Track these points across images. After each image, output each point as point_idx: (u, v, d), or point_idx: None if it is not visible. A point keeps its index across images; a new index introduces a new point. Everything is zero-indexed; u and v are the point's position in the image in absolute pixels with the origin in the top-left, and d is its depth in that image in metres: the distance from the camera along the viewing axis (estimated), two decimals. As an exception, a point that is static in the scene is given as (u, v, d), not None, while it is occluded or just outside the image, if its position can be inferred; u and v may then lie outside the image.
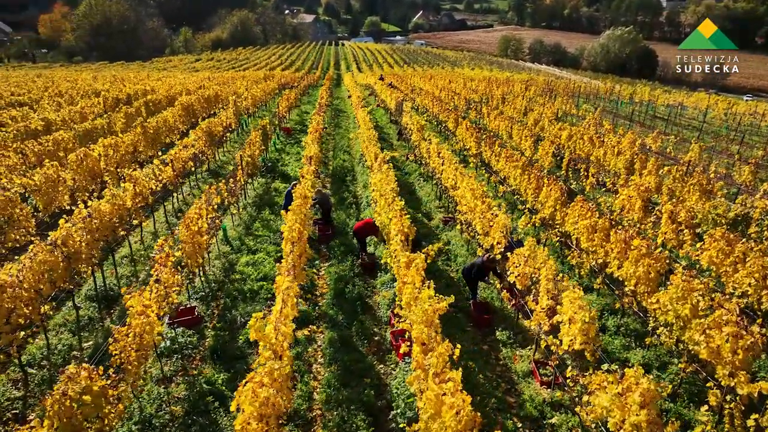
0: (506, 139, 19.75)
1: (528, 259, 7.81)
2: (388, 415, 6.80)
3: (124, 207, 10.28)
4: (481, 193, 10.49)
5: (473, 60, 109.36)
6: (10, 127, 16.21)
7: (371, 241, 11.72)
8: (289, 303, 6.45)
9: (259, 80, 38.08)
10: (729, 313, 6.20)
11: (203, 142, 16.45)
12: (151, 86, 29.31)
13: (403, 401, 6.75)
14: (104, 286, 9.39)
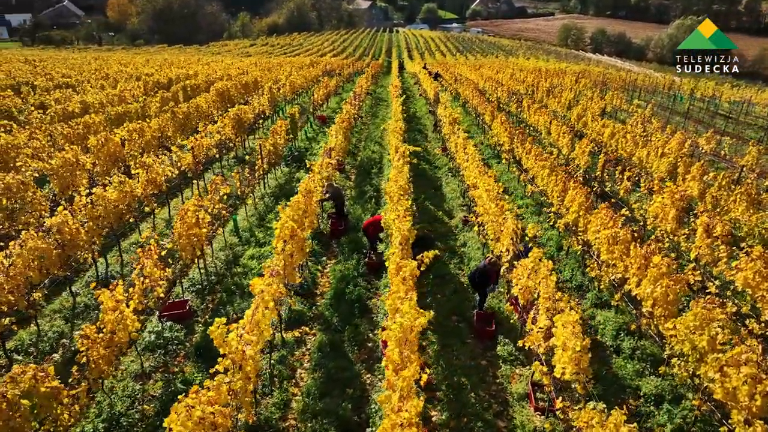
0: (545, 135, 18.74)
1: (531, 272, 7.17)
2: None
3: (132, 195, 10.25)
4: (496, 194, 9.82)
5: (530, 49, 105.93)
6: (50, 109, 16.67)
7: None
8: (260, 309, 6.12)
9: (304, 66, 38.05)
10: (750, 351, 5.41)
11: (230, 128, 16.39)
12: (194, 71, 29.73)
13: (379, 419, 6.33)
14: (106, 274, 9.40)
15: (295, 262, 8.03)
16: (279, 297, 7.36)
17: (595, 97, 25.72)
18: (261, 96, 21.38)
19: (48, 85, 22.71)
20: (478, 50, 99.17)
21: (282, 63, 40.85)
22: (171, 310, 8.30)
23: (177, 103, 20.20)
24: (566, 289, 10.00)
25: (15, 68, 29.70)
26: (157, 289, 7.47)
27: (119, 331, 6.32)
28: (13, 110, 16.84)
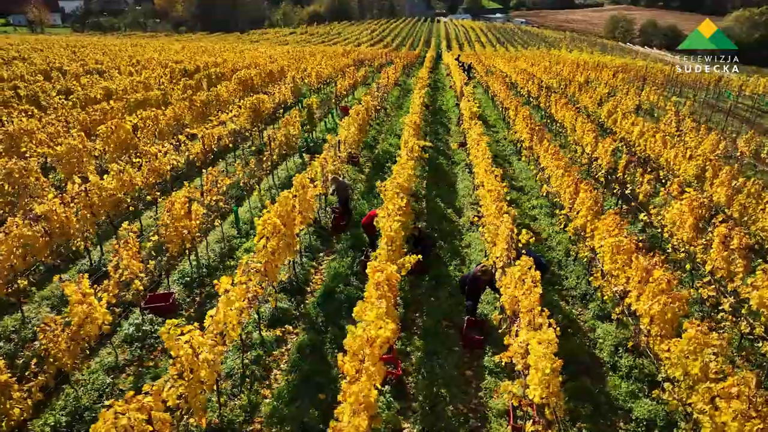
0: (569, 132, 17.95)
1: (518, 281, 6.72)
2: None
3: (131, 183, 10.25)
4: (498, 195, 9.34)
5: (574, 41, 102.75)
6: (73, 95, 16.98)
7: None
8: (222, 310, 5.92)
9: (336, 56, 37.85)
10: (743, 384, 4.87)
11: (245, 118, 16.33)
12: (223, 59, 29.92)
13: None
14: (100, 263, 9.43)
15: (278, 260, 7.81)
16: (256, 296, 7.19)
17: (630, 93, 24.54)
18: (282, 85, 21.27)
19: (79, 71, 23.25)
20: (519, 42, 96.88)
21: (314, 52, 40.78)
22: (154, 302, 8.22)
23: (200, 91, 20.28)
24: (570, 297, 9.47)
25: (54, 54, 30.57)
26: (135, 282, 7.40)
27: (87, 324, 6.24)
28: (39, 95, 17.23)
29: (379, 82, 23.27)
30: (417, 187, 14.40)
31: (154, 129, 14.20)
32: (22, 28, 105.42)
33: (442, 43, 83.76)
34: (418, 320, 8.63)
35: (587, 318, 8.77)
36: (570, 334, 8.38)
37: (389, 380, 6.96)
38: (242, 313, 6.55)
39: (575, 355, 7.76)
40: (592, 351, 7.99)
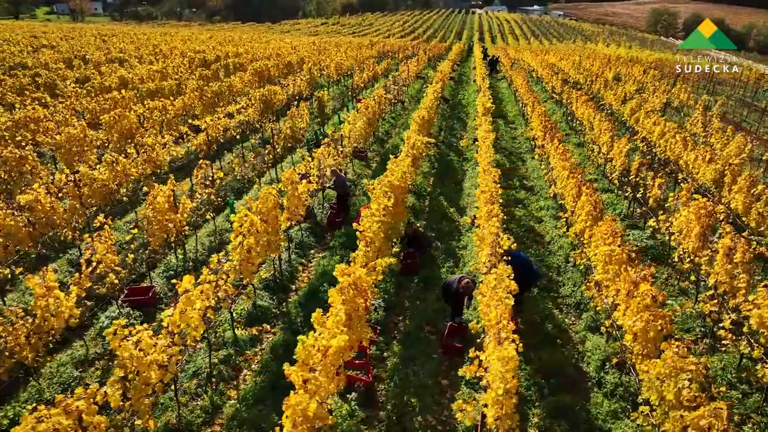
0: (587, 131, 17.28)
1: (491, 292, 6.39)
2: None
3: (125, 174, 10.25)
4: (490, 197, 8.97)
5: (612, 35, 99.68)
6: (87, 84, 17.21)
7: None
8: (177, 310, 5.78)
9: (362, 47, 37.55)
10: (716, 416, 4.47)
11: (254, 109, 16.25)
12: (245, 49, 29.98)
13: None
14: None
15: (255, 259, 7.66)
16: (228, 294, 7.06)
17: (659, 91, 23.53)
18: (296, 76, 21.12)
19: (101, 60, 23.62)
20: (554, 35, 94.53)
21: (340, 43, 40.54)
22: (133, 296, 8.19)
23: (216, 81, 20.32)
24: (565, 305, 9.06)
25: (82, 42, 31.21)
26: (110, 276, 7.35)
27: (51, 318, 6.21)
28: (58, 83, 17.54)
29: (398, 74, 22.90)
30: (422, 184, 14.10)
31: (161, 119, 14.24)
32: (65, 16, 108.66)
33: (474, 35, 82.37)
34: (401, 324, 8.37)
35: (579, 329, 8.36)
36: (559, 345, 8.01)
37: (357, 387, 6.74)
38: (206, 313, 6.44)
39: (561, 367, 7.42)
40: (579, 364, 7.61)
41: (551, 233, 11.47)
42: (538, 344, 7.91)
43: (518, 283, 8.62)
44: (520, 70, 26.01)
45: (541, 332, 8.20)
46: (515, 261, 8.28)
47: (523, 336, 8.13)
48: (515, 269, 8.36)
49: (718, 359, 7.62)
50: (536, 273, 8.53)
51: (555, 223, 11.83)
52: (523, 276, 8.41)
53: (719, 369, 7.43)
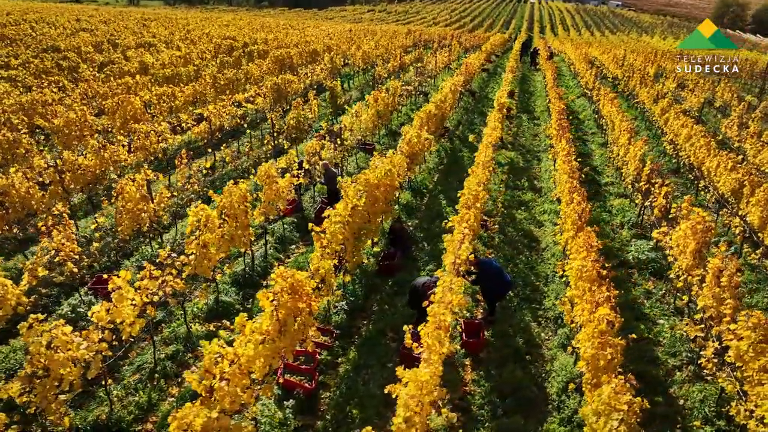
0: (609, 131, 16.35)
1: (438, 303, 6.01)
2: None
3: (113, 162, 10.32)
4: (474, 198, 8.52)
5: (671, 27, 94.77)
6: (107, 68, 17.55)
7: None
8: (103, 307, 5.69)
9: (398, 36, 36.99)
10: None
11: (265, 98, 16.17)
12: (274, 36, 29.99)
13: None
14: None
15: (212, 255, 7.53)
16: (175, 290, 6.96)
17: (698, 89, 22.05)
18: (318, 66, 20.91)
19: (131, 44, 24.12)
20: (608, 26, 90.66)
21: (376, 31, 40.04)
22: (100, 284, 8.21)
23: (238, 67, 20.37)
24: (544, 318, 8.54)
25: (121, 27, 32.01)
26: (68, 264, 7.38)
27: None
28: (81, 66, 17.98)
29: (422, 65, 22.36)
30: (424, 181, 13.68)
31: (170, 106, 14.33)
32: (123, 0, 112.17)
33: (523, 25, 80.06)
34: (363, 329, 8.08)
35: (553, 345, 7.87)
36: (527, 361, 7.55)
37: (296, 394, 6.52)
38: (146, 309, 6.36)
39: (522, 386, 6.97)
40: (543, 384, 7.14)
41: (547, 239, 10.89)
42: (503, 359, 7.48)
43: (487, 293, 8.23)
44: (551, 65, 24.94)
45: (510, 346, 7.75)
46: (485, 270, 7.87)
47: (490, 349, 7.75)
48: (484, 278, 7.96)
49: (699, 389, 7.00)
50: (508, 282, 8.06)
51: (553, 228, 11.22)
52: (492, 285, 7.99)
53: (698, 401, 6.81)
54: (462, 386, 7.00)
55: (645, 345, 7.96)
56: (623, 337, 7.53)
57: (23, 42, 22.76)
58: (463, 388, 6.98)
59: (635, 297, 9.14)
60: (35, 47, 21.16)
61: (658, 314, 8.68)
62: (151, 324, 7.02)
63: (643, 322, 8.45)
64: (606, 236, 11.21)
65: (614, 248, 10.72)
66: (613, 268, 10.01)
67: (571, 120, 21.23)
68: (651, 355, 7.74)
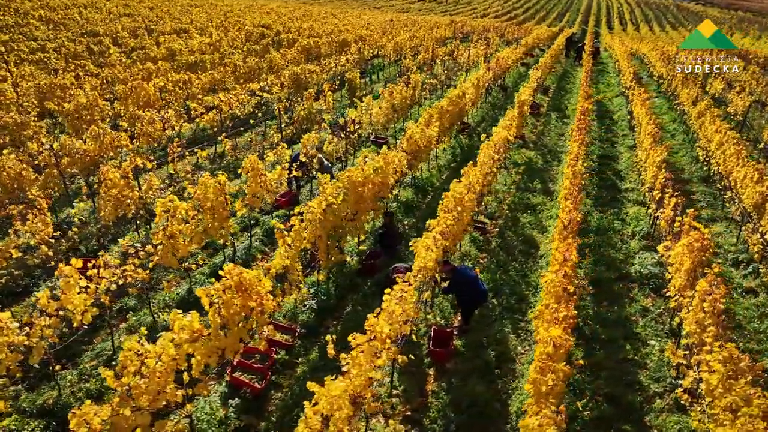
0: (636, 134, 15.46)
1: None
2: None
3: (110, 147, 10.49)
4: (455, 201, 8.17)
5: (742, 23, 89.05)
6: (134, 53, 17.95)
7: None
8: (45, 294, 5.74)
9: (438, 27, 36.32)
10: None
11: (281, 88, 16.14)
12: (308, 24, 29.96)
13: None
14: (65, 221, 9.79)
15: (180, 246, 7.52)
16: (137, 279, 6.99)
17: (747, 90, 20.55)
18: (344, 57, 20.72)
19: (166, 30, 24.63)
20: (671, 21, 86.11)
21: (419, 22, 39.44)
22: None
23: (254, 56, 20.41)
24: (524, 331, 8.14)
25: (163, 12, 32.73)
26: (43, 248, 7.55)
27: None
28: (110, 50, 18.48)
29: (453, 58, 21.82)
30: (430, 178, 13.34)
31: (185, 93, 14.51)
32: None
33: (578, 18, 77.15)
34: (332, 329, 7.91)
35: (526, 360, 7.47)
36: (496, 375, 7.21)
37: (243, 393, 6.43)
38: (100, 298, 6.41)
39: (484, 403, 6.63)
40: (507, 402, 6.78)
41: (546, 246, 10.39)
42: (470, 371, 7.16)
43: (460, 302, 7.89)
44: (584, 62, 23.86)
45: (481, 358, 7.42)
46: (458, 278, 7.55)
47: (459, 360, 7.43)
48: (457, 287, 7.64)
49: (676, 420, 6.50)
50: (483, 292, 7.70)
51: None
52: (466, 294, 7.66)
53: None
54: (419, 397, 6.74)
55: (629, 367, 7.46)
56: (577, 360, 7.11)
57: (67, 26, 23.67)
58: (420, 399, 6.71)
59: (630, 314, 8.59)
60: (75, 31, 21.96)
61: (650, 334, 8.11)
62: (111, 312, 7.08)
63: (632, 342, 7.92)
64: (613, 246, 10.60)
65: (618, 259, 10.12)
66: (614, 281, 9.49)
67: (605, 120, 20.28)
68: (632, 378, 7.24)
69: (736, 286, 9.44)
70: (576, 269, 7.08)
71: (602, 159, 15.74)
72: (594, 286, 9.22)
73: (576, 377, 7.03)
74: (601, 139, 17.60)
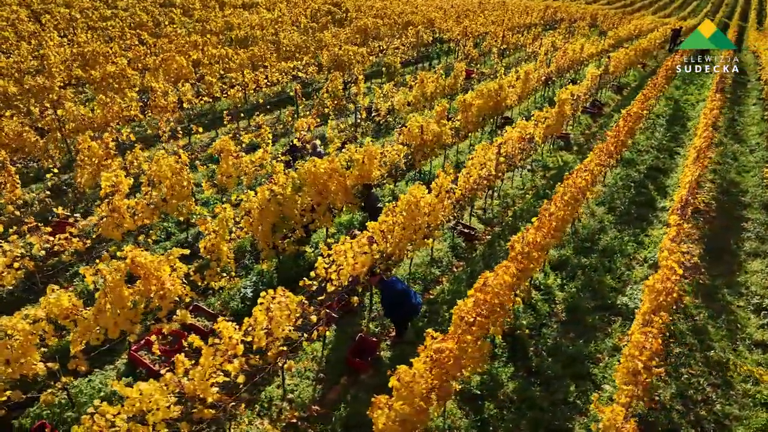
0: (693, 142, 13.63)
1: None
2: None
3: (116, 115, 10.94)
4: (407, 206, 7.66)
5: None
6: (190, 25, 18.62)
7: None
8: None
9: (531, 11, 34.31)
10: None
11: (320, 69, 16.04)
12: (382, 4, 29.41)
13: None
14: (64, 181, 10.39)
15: (121, 221, 7.69)
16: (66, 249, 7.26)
17: None
18: (399, 40, 20.17)
19: (237, 3, 25.33)
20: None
21: (509, 5, 37.45)
22: (59, 226, 8.88)
23: (312, 34, 20.33)
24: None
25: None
26: (9, 207, 8.07)
27: None
28: (177, 19, 19.34)
29: (524, 46, 20.51)
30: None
31: (221, 68, 14.86)
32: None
33: (705, 7, 69.26)
34: (262, 320, 7.79)
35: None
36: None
37: (139, 372, 6.51)
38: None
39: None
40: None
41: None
42: (383, 387, 6.72)
43: (386, 314, 7.42)
44: (724, 62, 21.45)
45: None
46: (384, 291, 7.12)
47: (379, 374, 7.03)
48: (383, 300, 7.23)
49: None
50: (414, 306, 7.18)
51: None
52: (393, 308, 7.20)
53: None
54: (314, 405, 6.46)
55: (565, 410, 6.64)
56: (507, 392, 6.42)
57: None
58: (314, 407, 6.44)
59: (596, 350, 7.65)
60: (154, 1, 23.23)
61: (609, 377, 7.17)
62: (38, 276, 7.43)
63: (582, 383, 7.04)
64: (612, 271, 9.47)
65: (609, 287, 9.04)
66: (592, 310, 8.46)
67: (675, 127, 18.14)
68: (560, 425, 6.44)
69: (745, 336, 8.11)
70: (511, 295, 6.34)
71: (651, 170, 14.11)
72: (568, 314, 8.33)
73: (492, 412, 6.40)
74: (659, 148, 15.78)
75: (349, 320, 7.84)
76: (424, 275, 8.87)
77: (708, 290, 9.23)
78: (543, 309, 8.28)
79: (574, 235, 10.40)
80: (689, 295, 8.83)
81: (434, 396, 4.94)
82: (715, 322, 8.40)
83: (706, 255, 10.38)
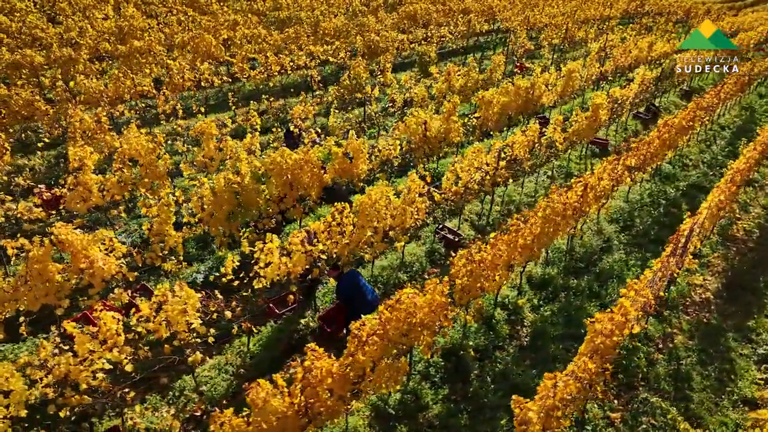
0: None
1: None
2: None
3: (127, 90, 11.27)
4: (361, 208, 7.34)
5: None
6: (238, 4, 18.89)
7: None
8: None
9: (616, 2, 31.87)
10: None
11: (351, 54, 15.79)
12: None
13: None
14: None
15: (87, 196, 7.92)
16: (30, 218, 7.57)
17: None
18: (446, 28, 19.40)
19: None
20: None
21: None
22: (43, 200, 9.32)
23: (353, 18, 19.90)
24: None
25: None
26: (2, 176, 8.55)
27: None
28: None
29: (598, 43, 19.16)
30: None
31: (253, 48, 14.97)
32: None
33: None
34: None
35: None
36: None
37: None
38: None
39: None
40: None
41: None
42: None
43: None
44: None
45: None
46: (341, 284, 6.92)
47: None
48: (338, 292, 7.05)
49: None
50: (369, 303, 6.91)
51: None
52: (347, 302, 6.99)
53: None
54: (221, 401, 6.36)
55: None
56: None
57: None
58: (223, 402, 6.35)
59: (550, 384, 6.98)
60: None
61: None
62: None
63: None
64: (600, 297, 8.62)
65: (587, 313, 8.22)
66: (557, 339, 7.71)
67: (738, 141, 16.19)
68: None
69: (734, 390, 7.13)
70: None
71: (692, 188, 12.69)
72: (532, 339, 7.69)
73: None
74: (711, 163, 14.20)
75: (295, 318, 7.67)
76: (388, 279, 8.49)
77: (710, 331, 8.18)
78: (503, 330, 7.67)
79: (568, 253, 9.56)
80: (639, 342, 7.81)
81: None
82: (704, 369, 7.44)
83: (723, 290, 9.23)
